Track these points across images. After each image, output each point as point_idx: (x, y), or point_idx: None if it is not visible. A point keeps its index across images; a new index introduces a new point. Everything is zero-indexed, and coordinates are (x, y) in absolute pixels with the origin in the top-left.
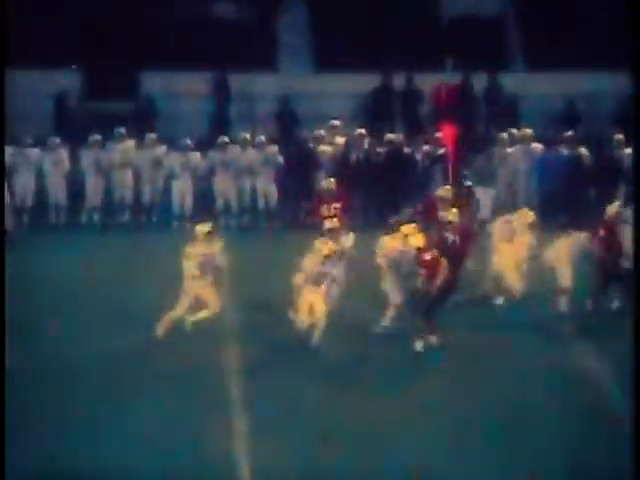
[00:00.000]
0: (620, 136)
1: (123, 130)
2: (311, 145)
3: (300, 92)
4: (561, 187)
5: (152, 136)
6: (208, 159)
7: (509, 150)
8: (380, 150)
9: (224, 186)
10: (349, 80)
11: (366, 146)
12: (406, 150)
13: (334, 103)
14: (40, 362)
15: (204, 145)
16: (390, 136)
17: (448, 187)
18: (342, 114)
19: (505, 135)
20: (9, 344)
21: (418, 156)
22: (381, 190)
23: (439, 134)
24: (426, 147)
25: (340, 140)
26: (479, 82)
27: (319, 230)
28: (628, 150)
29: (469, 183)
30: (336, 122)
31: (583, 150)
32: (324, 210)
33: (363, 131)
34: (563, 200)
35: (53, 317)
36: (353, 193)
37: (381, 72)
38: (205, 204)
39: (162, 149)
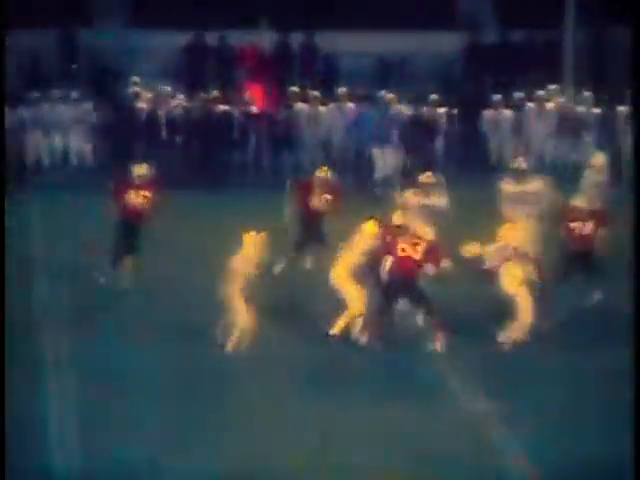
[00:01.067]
0: (436, 96)
1: None
2: (127, 102)
3: (116, 47)
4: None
5: None
6: (18, 115)
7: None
8: (192, 107)
9: (35, 144)
10: (166, 36)
11: (176, 104)
12: (221, 108)
13: (151, 58)
14: None
15: (14, 101)
16: (203, 94)
17: (326, 169)
18: (160, 71)
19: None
20: None
21: (234, 114)
22: (197, 149)
23: (248, 93)
24: (240, 106)
25: (148, 97)
26: (295, 41)
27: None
28: (443, 109)
29: None
30: (136, 79)
31: (402, 108)
32: (130, 196)
33: (169, 89)
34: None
35: None
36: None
37: (195, 29)
38: (15, 161)
39: None
